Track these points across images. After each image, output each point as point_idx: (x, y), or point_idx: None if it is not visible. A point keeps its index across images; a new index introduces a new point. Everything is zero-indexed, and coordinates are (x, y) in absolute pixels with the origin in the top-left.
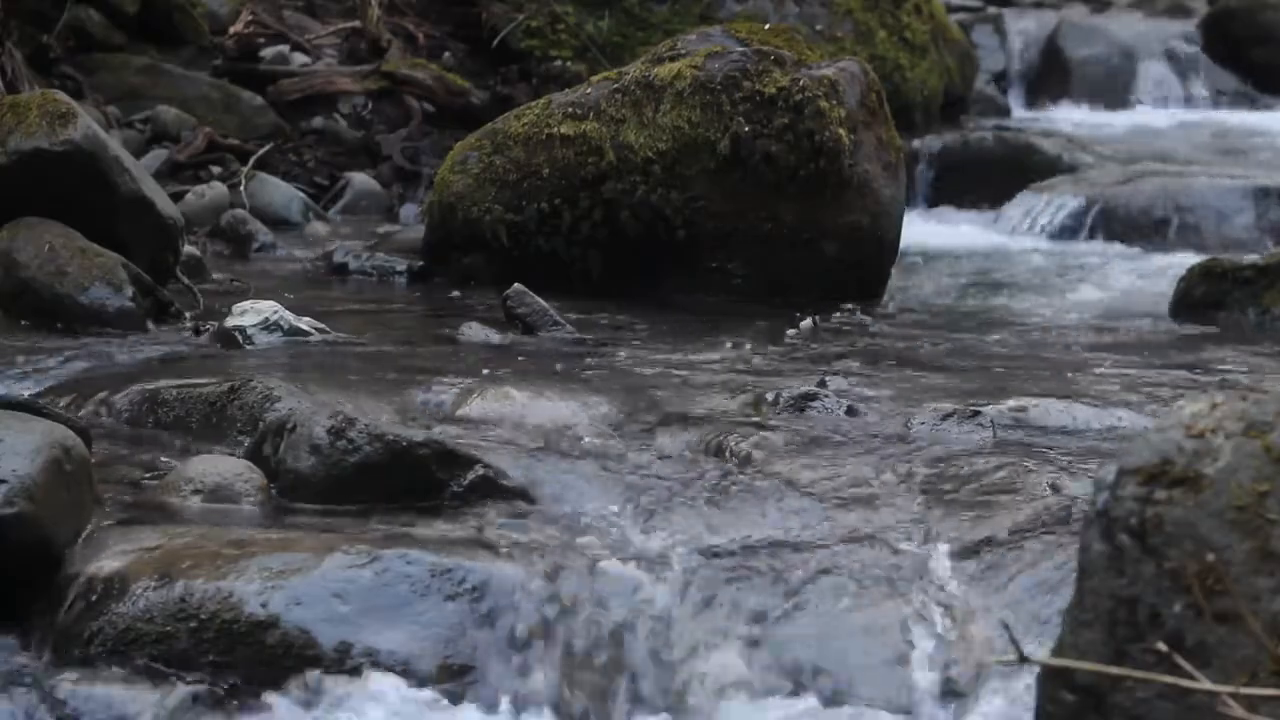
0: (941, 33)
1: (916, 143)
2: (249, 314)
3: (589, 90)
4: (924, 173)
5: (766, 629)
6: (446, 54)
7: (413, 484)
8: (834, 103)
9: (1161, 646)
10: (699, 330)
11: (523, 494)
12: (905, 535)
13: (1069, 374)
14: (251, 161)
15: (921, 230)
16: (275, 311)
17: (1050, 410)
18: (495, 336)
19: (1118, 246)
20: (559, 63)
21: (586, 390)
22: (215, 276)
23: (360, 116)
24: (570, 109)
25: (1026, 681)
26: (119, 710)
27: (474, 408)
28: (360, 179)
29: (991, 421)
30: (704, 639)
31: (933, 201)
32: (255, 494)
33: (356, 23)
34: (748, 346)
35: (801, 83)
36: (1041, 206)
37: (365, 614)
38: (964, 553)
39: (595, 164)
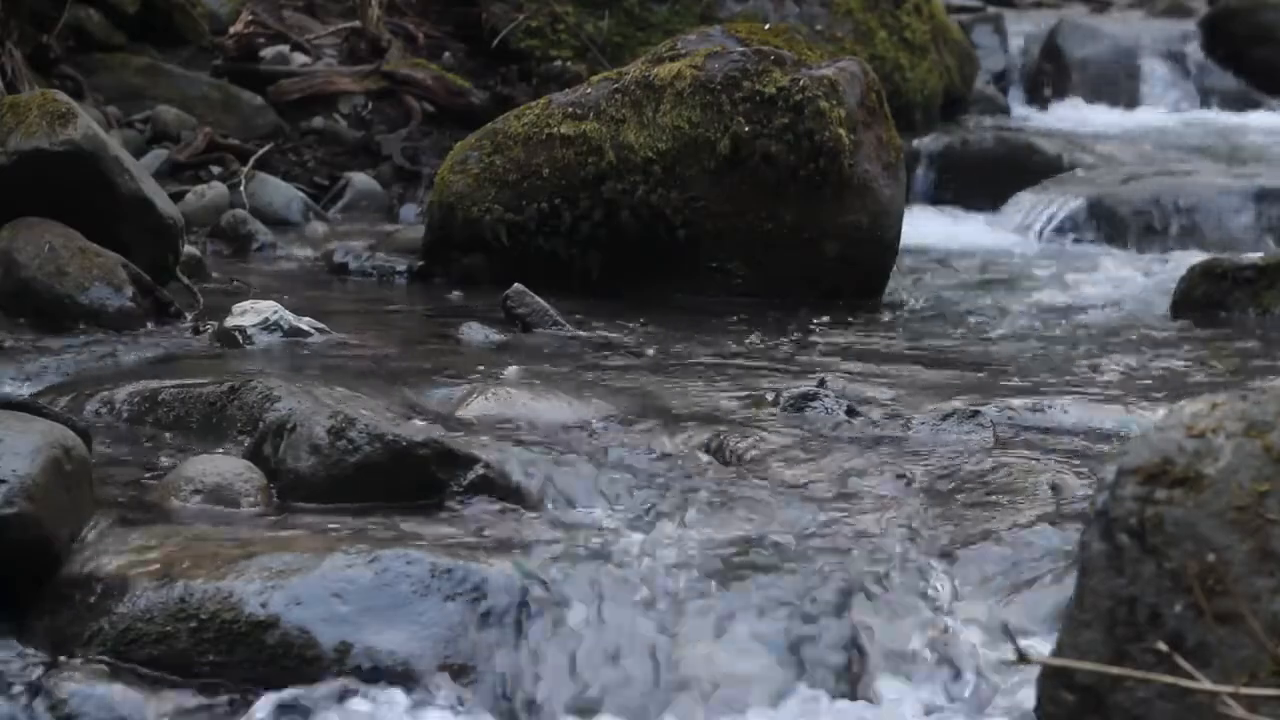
0: (941, 33)
1: (916, 143)
2: (249, 314)
3: (589, 90)
4: (924, 173)
5: (767, 628)
6: (446, 54)
7: (413, 484)
8: (834, 103)
9: (1161, 646)
10: (699, 330)
11: (523, 494)
12: (904, 535)
13: (1069, 373)
14: (251, 161)
15: (922, 230)
16: (275, 311)
17: (1050, 410)
18: (495, 336)
19: (1118, 246)
20: (559, 63)
21: (586, 390)
22: (215, 276)
23: (360, 116)
24: (570, 109)
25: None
26: (119, 710)
27: (474, 407)
28: (360, 179)
29: (991, 421)
30: (705, 638)
31: (933, 201)
32: (255, 494)
33: (356, 23)
34: (747, 346)
35: (801, 83)
36: (1042, 206)
37: (365, 614)
38: (963, 552)
39: (595, 164)
